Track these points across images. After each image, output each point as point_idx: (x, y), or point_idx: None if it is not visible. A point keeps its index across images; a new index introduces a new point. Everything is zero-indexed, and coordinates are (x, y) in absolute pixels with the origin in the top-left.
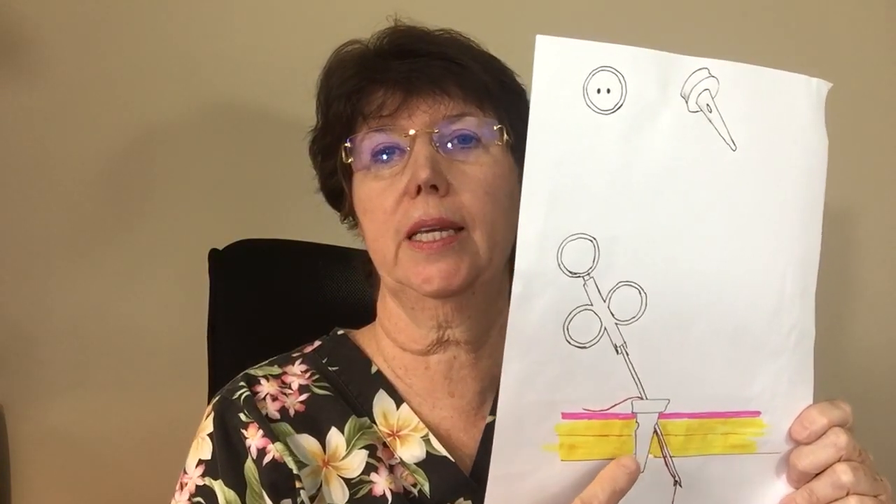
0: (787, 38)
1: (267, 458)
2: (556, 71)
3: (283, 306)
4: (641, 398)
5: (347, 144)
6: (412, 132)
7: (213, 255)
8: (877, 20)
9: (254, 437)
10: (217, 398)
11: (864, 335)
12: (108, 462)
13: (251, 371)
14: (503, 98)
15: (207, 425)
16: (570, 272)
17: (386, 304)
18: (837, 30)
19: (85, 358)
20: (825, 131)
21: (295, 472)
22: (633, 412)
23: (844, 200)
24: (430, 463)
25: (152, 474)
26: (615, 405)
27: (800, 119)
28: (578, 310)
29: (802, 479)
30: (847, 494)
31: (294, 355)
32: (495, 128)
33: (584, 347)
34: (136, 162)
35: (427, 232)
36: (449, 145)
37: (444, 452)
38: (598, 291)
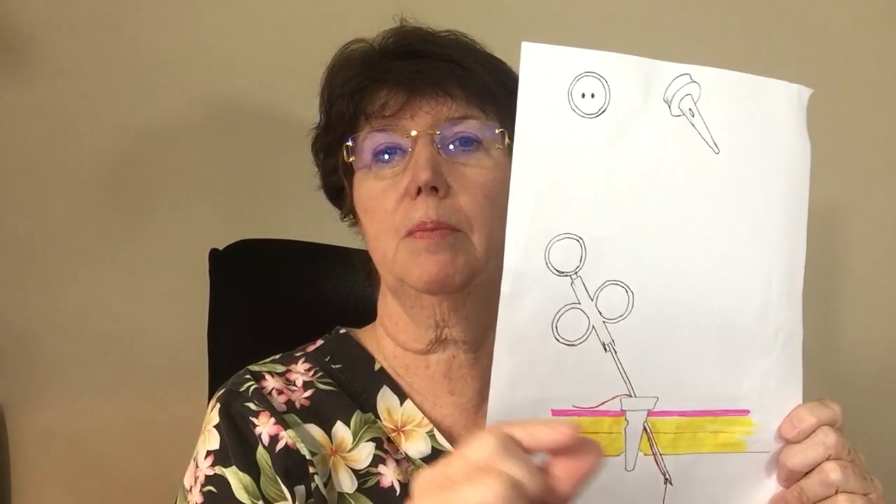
0: (777, 38)
1: (280, 445)
2: (542, 76)
3: (283, 306)
4: (630, 396)
5: (349, 143)
6: (414, 133)
7: (213, 255)
8: (868, 21)
9: (265, 425)
10: (222, 391)
11: (857, 334)
12: (108, 462)
13: (253, 367)
14: (506, 101)
15: (213, 417)
16: (558, 271)
17: (386, 304)
18: (828, 31)
19: (85, 358)
20: (807, 135)
21: (308, 457)
22: (622, 409)
23: (836, 200)
24: (436, 459)
25: (152, 474)
26: (604, 402)
27: (781, 123)
28: (566, 308)
29: (792, 477)
30: (836, 493)
31: (297, 354)
32: (497, 131)
33: (573, 345)
34: (137, 162)
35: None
36: (450, 147)
37: (449, 447)
38: (586, 290)
